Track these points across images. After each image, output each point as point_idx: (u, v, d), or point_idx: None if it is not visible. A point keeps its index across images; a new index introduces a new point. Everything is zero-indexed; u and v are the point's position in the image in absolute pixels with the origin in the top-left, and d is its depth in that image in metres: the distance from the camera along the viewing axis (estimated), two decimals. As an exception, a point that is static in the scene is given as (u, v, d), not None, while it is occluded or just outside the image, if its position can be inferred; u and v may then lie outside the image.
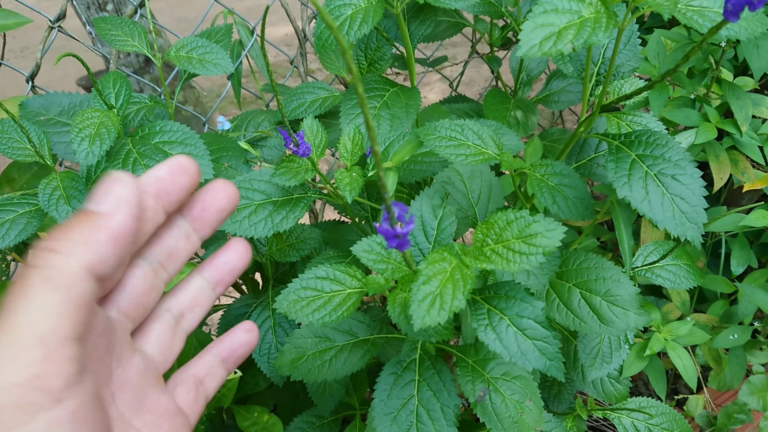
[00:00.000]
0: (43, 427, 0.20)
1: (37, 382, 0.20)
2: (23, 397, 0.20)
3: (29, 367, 0.20)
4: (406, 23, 0.79)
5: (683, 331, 0.77)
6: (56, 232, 0.23)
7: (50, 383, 0.21)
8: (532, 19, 0.42)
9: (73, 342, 0.22)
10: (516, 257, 0.45)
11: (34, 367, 0.20)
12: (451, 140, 0.59)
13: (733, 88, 0.73)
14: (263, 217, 0.63)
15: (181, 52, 0.69)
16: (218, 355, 0.34)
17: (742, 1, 0.36)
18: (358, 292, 0.52)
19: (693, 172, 0.50)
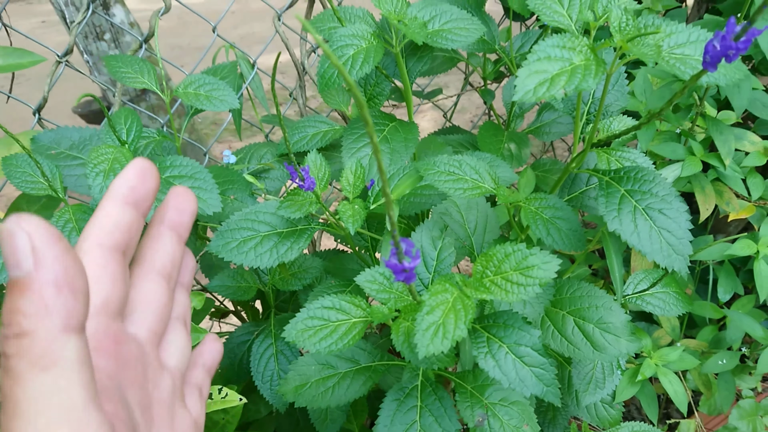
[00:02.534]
0: None
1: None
2: None
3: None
4: (404, 60, 0.82)
5: (673, 357, 0.80)
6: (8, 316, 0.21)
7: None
8: (526, 66, 0.45)
9: (95, 406, 0.21)
10: (514, 288, 0.47)
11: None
12: (450, 175, 0.62)
13: (716, 123, 0.77)
14: (269, 248, 0.65)
15: (189, 89, 0.72)
16: (204, 365, 0.35)
17: (720, 54, 0.39)
18: (363, 321, 0.55)
19: (678, 206, 0.53)
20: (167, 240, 0.31)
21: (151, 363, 0.28)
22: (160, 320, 0.30)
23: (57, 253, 0.20)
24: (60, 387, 0.20)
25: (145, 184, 0.28)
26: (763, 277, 0.78)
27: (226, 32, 4.15)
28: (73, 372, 0.20)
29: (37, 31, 5.01)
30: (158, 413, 0.28)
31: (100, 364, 0.25)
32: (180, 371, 0.31)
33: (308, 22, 0.75)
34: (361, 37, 0.69)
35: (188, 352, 0.32)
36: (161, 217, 0.31)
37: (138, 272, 0.30)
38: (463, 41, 0.71)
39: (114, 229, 0.26)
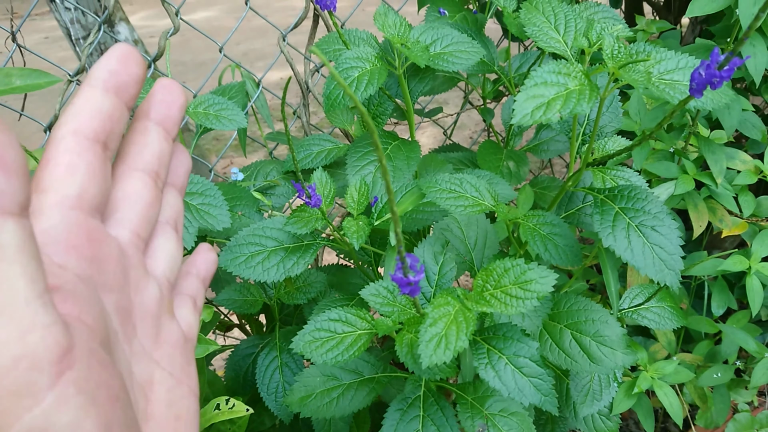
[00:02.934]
0: (51, 406, 0.18)
1: (25, 362, 0.17)
2: (18, 382, 0.17)
3: (8, 348, 0.17)
4: (407, 81, 0.85)
5: (669, 370, 0.81)
6: None
7: (40, 358, 0.17)
8: (524, 91, 0.47)
9: (42, 302, 0.18)
10: (513, 301, 0.50)
11: (14, 346, 0.17)
12: (451, 192, 0.65)
13: (708, 143, 0.79)
14: (275, 262, 0.68)
15: (199, 108, 0.74)
16: (198, 275, 0.32)
17: (705, 81, 0.42)
18: (368, 333, 0.57)
19: (670, 223, 0.55)
20: (153, 135, 0.28)
21: (133, 267, 0.25)
22: (145, 222, 0.27)
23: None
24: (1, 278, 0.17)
25: (127, 68, 0.24)
26: (755, 292, 0.80)
27: (229, 49, 4.20)
28: (13, 262, 0.17)
29: (41, 47, 5.06)
30: (142, 322, 0.25)
31: (69, 263, 0.22)
32: (168, 279, 0.28)
33: (318, 50, 0.78)
34: (365, 60, 0.72)
35: (179, 259, 0.30)
36: (146, 110, 0.28)
37: (119, 170, 0.26)
38: (464, 64, 0.74)
39: (92, 117, 0.24)
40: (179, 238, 0.30)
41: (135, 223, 0.26)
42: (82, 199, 0.23)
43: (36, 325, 0.17)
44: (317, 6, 0.71)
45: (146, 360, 0.25)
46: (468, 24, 0.98)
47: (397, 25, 0.74)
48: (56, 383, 0.18)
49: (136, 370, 0.24)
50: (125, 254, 0.25)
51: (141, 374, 0.25)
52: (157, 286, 0.27)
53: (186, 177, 0.31)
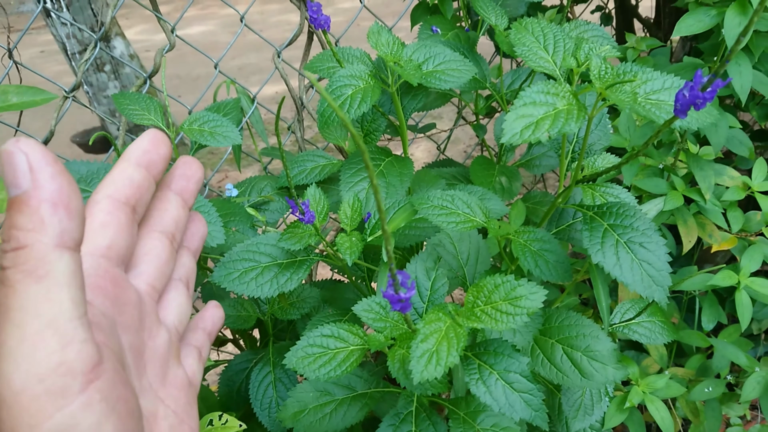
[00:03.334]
0: (79, 408, 0.21)
1: (63, 368, 0.21)
2: (54, 384, 0.21)
3: (50, 355, 0.21)
4: (400, 98, 0.86)
5: (660, 385, 0.82)
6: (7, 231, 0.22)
7: (75, 367, 0.21)
8: (513, 111, 0.48)
9: (82, 323, 0.22)
10: (503, 317, 0.50)
11: (55, 354, 0.21)
12: (443, 209, 0.65)
13: (696, 159, 0.81)
14: (269, 278, 0.68)
15: (194, 125, 0.75)
16: (205, 329, 0.36)
17: (689, 102, 0.43)
18: (361, 349, 0.57)
19: (658, 240, 0.56)
20: (172, 203, 0.32)
21: (148, 314, 0.29)
22: (161, 276, 0.31)
23: (53, 172, 0.22)
24: (50, 297, 0.21)
25: (157, 149, 0.29)
26: (744, 307, 0.81)
27: (224, 63, 4.22)
28: (64, 285, 0.21)
29: (36, 61, 5.08)
30: (151, 363, 0.29)
31: (95, 300, 0.26)
32: (177, 330, 0.32)
33: (312, 67, 0.79)
34: (359, 78, 0.73)
35: (188, 312, 0.33)
36: (168, 182, 0.32)
37: (142, 230, 0.31)
38: (456, 82, 0.75)
39: (125, 185, 0.28)
40: (189, 294, 0.34)
41: (152, 276, 0.30)
42: (111, 250, 0.27)
43: (75, 340, 0.21)
44: (312, 24, 0.72)
45: (153, 396, 0.28)
46: (460, 41, 0.99)
47: (390, 44, 0.75)
48: (86, 389, 0.21)
49: (143, 403, 0.27)
50: (142, 301, 0.29)
51: (147, 408, 0.27)
52: (168, 333, 0.31)
53: (201, 242, 0.36)
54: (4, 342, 0.21)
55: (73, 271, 0.22)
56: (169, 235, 0.31)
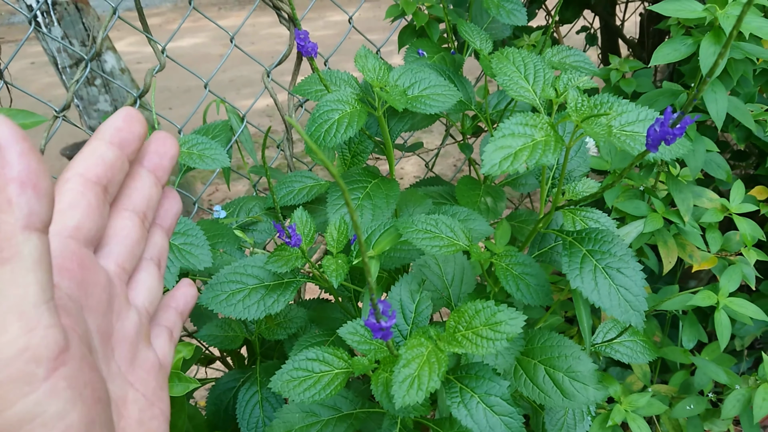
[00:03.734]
0: (44, 396, 0.21)
1: (28, 354, 0.20)
2: (18, 371, 0.20)
3: (14, 341, 0.20)
4: (386, 120, 0.87)
5: (642, 403, 0.83)
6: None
7: (40, 353, 0.21)
8: (492, 142, 0.50)
9: (48, 307, 0.21)
10: (484, 342, 0.52)
11: (20, 340, 0.20)
12: (427, 233, 0.67)
13: (676, 182, 0.83)
14: (256, 300, 0.69)
15: (183, 148, 0.76)
16: (177, 308, 0.35)
17: (659, 137, 0.45)
18: (345, 372, 0.58)
19: (635, 265, 0.58)
20: (144, 180, 0.31)
21: (117, 296, 0.28)
22: (130, 256, 0.30)
23: (21, 150, 0.21)
24: (16, 281, 0.20)
25: (131, 127, 0.28)
26: (723, 327, 0.83)
27: (215, 76, 4.22)
28: (30, 269, 0.21)
29: (27, 72, 5.08)
30: (120, 346, 0.28)
31: (62, 283, 0.25)
32: (148, 311, 0.31)
33: (301, 90, 0.80)
34: (345, 102, 0.75)
35: (159, 293, 0.32)
36: (140, 158, 0.31)
37: (112, 209, 0.30)
38: (441, 106, 0.76)
39: (96, 164, 0.27)
40: (161, 275, 0.33)
41: (122, 256, 0.30)
42: (79, 230, 0.26)
43: (40, 325, 0.21)
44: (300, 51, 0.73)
45: (121, 380, 0.28)
46: (446, 64, 1.01)
47: (377, 69, 0.77)
48: (50, 376, 0.21)
49: (112, 388, 0.27)
50: (111, 283, 0.28)
51: (116, 392, 0.27)
52: (137, 315, 0.30)
53: (174, 220, 0.35)
54: None
55: (40, 253, 0.21)
56: (140, 214, 0.30)
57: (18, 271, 0.20)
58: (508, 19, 0.96)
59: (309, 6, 1.28)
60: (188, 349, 0.69)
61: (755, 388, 0.88)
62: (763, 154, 1.05)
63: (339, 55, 1.33)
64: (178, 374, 0.63)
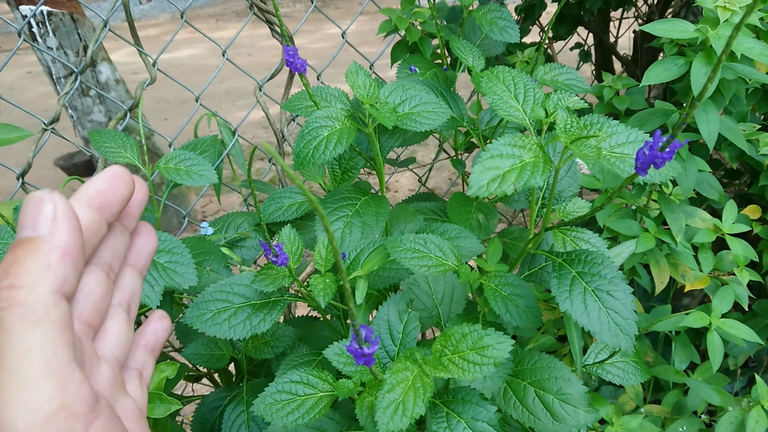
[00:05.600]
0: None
1: (65, 411, 0.22)
2: (59, 428, 0.21)
3: (51, 400, 0.21)
4: (377, 136, 0.87)
5: (634, 425, 0.82)
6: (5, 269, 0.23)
7: (76, 409, 0.22)
8: (480, 163, 0.49)
9: (77, 365, 0.23)
10: (470, 367, 0.51)
11: (56, 398, 0.21)
12: (415, 252, 0.66)
13: (668, 202, 0.82)
14: (242, 319, 0.68)
15: (170, 164, 0.75)
16: (147, 345, 0.34)
17: (648, 161, 0.44)
18: (330, 395, 0.57)
19: (625, 288, 0.57)
20: (111, 231, 0.30)
21: (87, 354, 0.28)
22: (96, 312, 0.29)
23: (72, 227, 0.24)
24: (47, 342, 0.22)
25: (113, 189, 0.28)
26: (715, 348, 0.82)
27: (211, 87, 4.21)
28: (59, 331, 0.22)
29: (23, 82, 5.07)
30: None
31: None
32: (118, 360, 0.31)
33: (291, 106, 0.79)
34: (335, 119, 0.74)
35: (129, 339, 0.32)
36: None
37: None
38: (432, 124, 0.76)
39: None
40: (131, 320, 0.32)
41: (86, 313, 0.29)
42: None
43: (72, 383, 0.22)
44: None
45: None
46: (439, 80, 1.00)
47: (367, 86, 0.76)
48: (88, 430, 0.22)
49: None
50: (80, 341, 0.28)
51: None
52: (109, 367, 0.30)
53: (149, 259, 0.34)
54: (3, 389, 0.21)
55: (67, 318, 0.23)
56: (105, 266, 0.30)
57: (48, 333, 0.22)
58: (501, 36, 0.95)
59: (303, 19, 1.28)
60: (172, 369, 0.67)
61: (748, 410, 0.87)
62: (756, 173, 1.04)
63: (335, 67, 1.33)
64: (160, 395, 0.61)
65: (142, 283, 0.34)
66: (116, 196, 0.28)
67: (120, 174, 0.29)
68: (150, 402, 0.62)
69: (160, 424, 0.68)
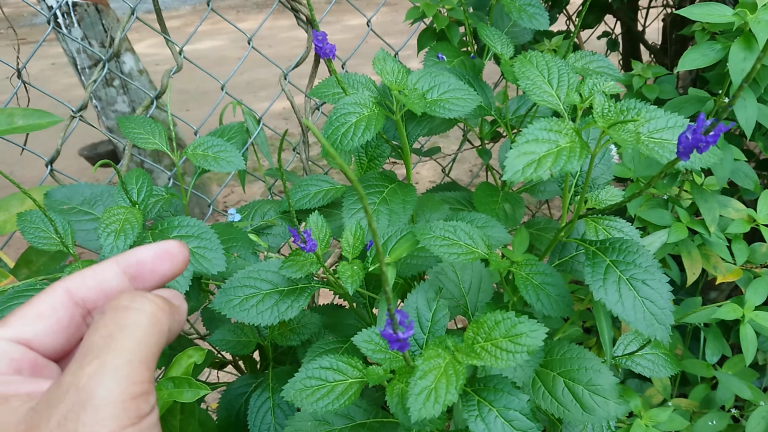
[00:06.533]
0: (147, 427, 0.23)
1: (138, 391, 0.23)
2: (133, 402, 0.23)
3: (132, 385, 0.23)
4: (404, 124, 0.86)
5: (663, 418, 0.81)
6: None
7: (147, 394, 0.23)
8: (516, 148, 0.48)
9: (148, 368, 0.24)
10: (503, 355, 0.50)
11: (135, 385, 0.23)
12: (445, 240, 0.65)
13: (701, 191, 0.80)
14: (270, 305, 0.68)
15: (198, 150, 0.75)
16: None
17: (692, 145, 0.43)
18: (359, 382, 0.57)
19: (661, 277, 0.55)
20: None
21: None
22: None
23: (182, 309, 0.27)
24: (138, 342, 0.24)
25: (156, 265, 0.28)
26: (749, 341, 0.80)
27: (232, 78, 4.22)
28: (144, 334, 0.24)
29: (47, 73, 5.13)
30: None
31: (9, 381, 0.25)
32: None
33: (318, 92, 0.79)
34: (363, 105, 0.73)
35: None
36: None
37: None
38: (461, 111, 0.75)
39: (90, 287, 0.27)
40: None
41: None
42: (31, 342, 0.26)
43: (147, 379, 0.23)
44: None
45: None
46: (466, 68, 0.99)
47: (395, 72, 0.75)
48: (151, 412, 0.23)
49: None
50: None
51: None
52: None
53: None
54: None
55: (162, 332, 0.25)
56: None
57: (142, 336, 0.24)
58: (530, 23, 0.94)
59: (326, 10, 1.28)
60: (199, 354, 0.68)
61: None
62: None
63: (356, 58, 1.32)
64: (189, 380, 0.61)
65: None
66: (155, 273, 0.28)
67: (174, 250, 0.28)
68: (178, 386, 0.62)
69: (188, 409, 0.68)
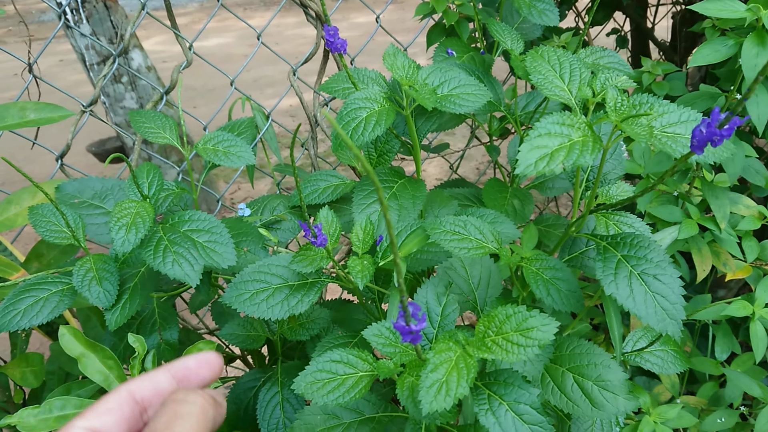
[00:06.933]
0: None
1: None
2: None
3: None
4: (414, 120, 0.86)
5: (671, 415, 0.81)
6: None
7: None
8: (528, 141, 0.48)
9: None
10: (514, 348, 0.50)
11: None
12: (455, 234, 0.65)
13: (711, 188, 0.80)
14: (280, 300, 0.68)
15: (208, 144, 0.76)
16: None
17: (706, 139, 0.43)
18: (370, 375, 0.57)
19: (672, 272, 0.55)
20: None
21: None
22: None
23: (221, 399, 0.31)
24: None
25: (200, 370, 0.33)
26: (758, 338, 0.80)
27: (239, 76, 4.23)
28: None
29: (55, 69, 5.15)
30: None
31: None
32: None
33: (328, 87, 0.79)
34: (373, 100, 0.73)
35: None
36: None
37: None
38: (471, 106, 0.75)
39: (147, 388, 0.32)
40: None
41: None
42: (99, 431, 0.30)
43: None
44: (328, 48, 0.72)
45: None
46: (476, 64, 0.99)
47: (406, 67, 0.75)
48: None
49: None
50: None
51: None
52: None
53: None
54: None
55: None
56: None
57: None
58: (540, 19, 0.94)
59: (335, 7, 1.28)
60: (209, 348, 0.68)
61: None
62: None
63: (364, 56, 1.32)
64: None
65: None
66: (199, 377, 0.33)
67: (212, 360, 0.34)
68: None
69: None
